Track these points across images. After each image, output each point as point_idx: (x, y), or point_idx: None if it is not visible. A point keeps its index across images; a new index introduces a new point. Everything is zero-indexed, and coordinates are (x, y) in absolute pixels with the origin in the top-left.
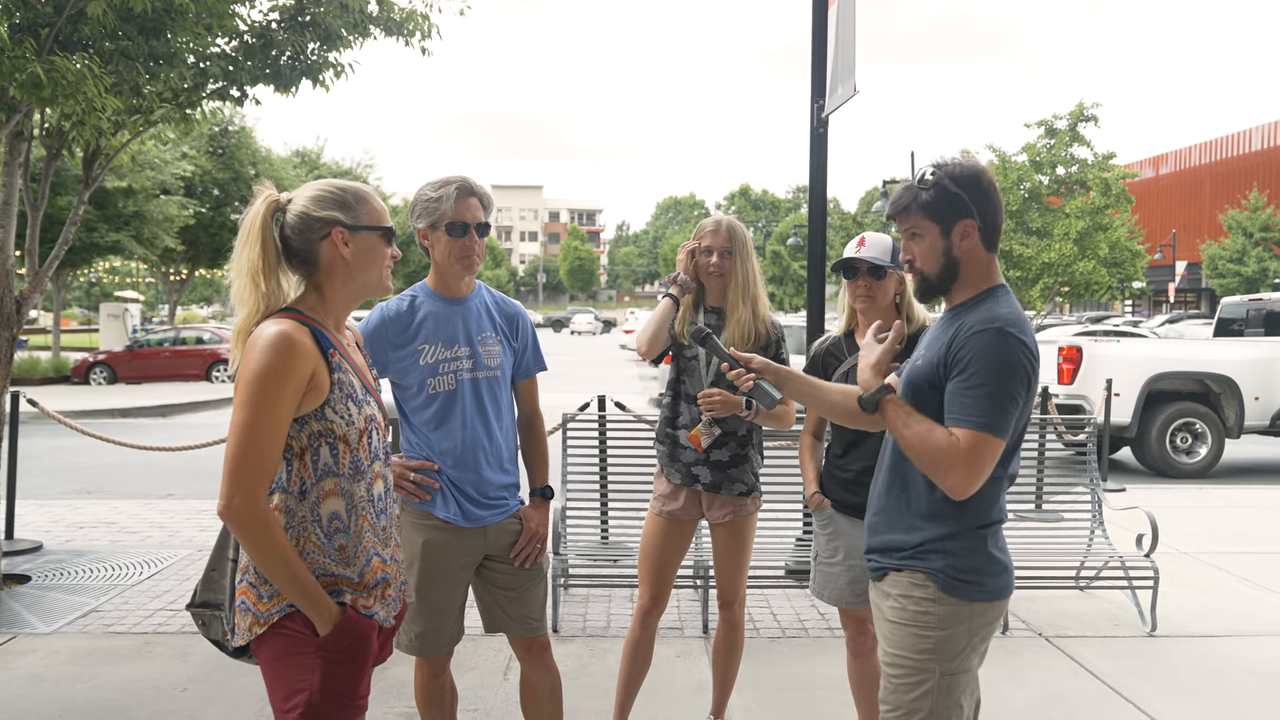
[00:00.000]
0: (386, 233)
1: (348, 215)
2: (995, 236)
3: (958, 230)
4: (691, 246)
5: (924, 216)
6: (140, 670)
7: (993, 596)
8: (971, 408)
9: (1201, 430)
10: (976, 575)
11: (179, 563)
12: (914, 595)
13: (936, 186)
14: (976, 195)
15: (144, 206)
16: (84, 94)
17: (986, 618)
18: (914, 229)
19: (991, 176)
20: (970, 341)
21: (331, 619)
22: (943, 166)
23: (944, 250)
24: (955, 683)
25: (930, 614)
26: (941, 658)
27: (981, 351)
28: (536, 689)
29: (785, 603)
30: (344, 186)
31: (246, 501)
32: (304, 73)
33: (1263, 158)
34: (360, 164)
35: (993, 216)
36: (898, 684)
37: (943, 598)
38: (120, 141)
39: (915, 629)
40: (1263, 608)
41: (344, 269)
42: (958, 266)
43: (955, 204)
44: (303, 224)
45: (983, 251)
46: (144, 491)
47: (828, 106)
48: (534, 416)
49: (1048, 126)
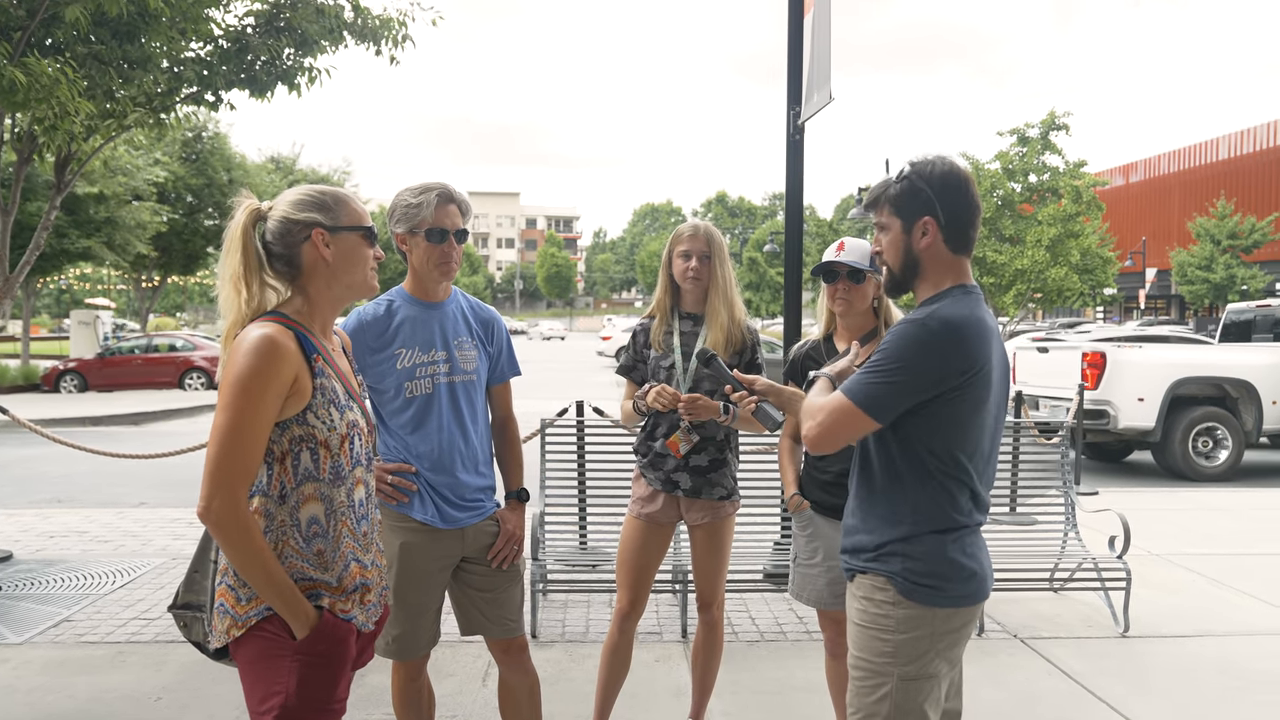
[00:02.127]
0: (368, 233)
1: (327, 217)
2: (962, 237)
3: (918, 227)
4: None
5: (891, 210)
6: (114, 680)
7: (956, 603)
8: (856, 382)
9: (1222, 435)
10: (935, 580)
11: (152, 571)
12: (875, 598)
13: (905, 180)
14: (943, 193)
15: (116, 213)
16: (57, 98)
17: (951, 624)
18: (883, 223)
19: (966, 178)
20: (893, 330)
21: (309, 623)
22: (917, 164)
23: (905, 246)
24: (917, 688)
25: (889, 617)
26: (900, 661)
27: (894, 339)
28: (515, 692)
29: (763, 607)
30: (323, 190)
31: (226, 503)
32: (279, 78)
33: (1230, 166)
34: (338, 170)
35: (957, 216)
36: (858, 686)
37: (901, 601)
38: (93, 146)
39: (875, 631)
40: (1232, 609)
41: (326, 270)
42: (918, 264)
43: (918, 200)
44: (283, 228)
45: (945, 251)
46: (116, 500)
47: (804, 113)
48: (508, 421)
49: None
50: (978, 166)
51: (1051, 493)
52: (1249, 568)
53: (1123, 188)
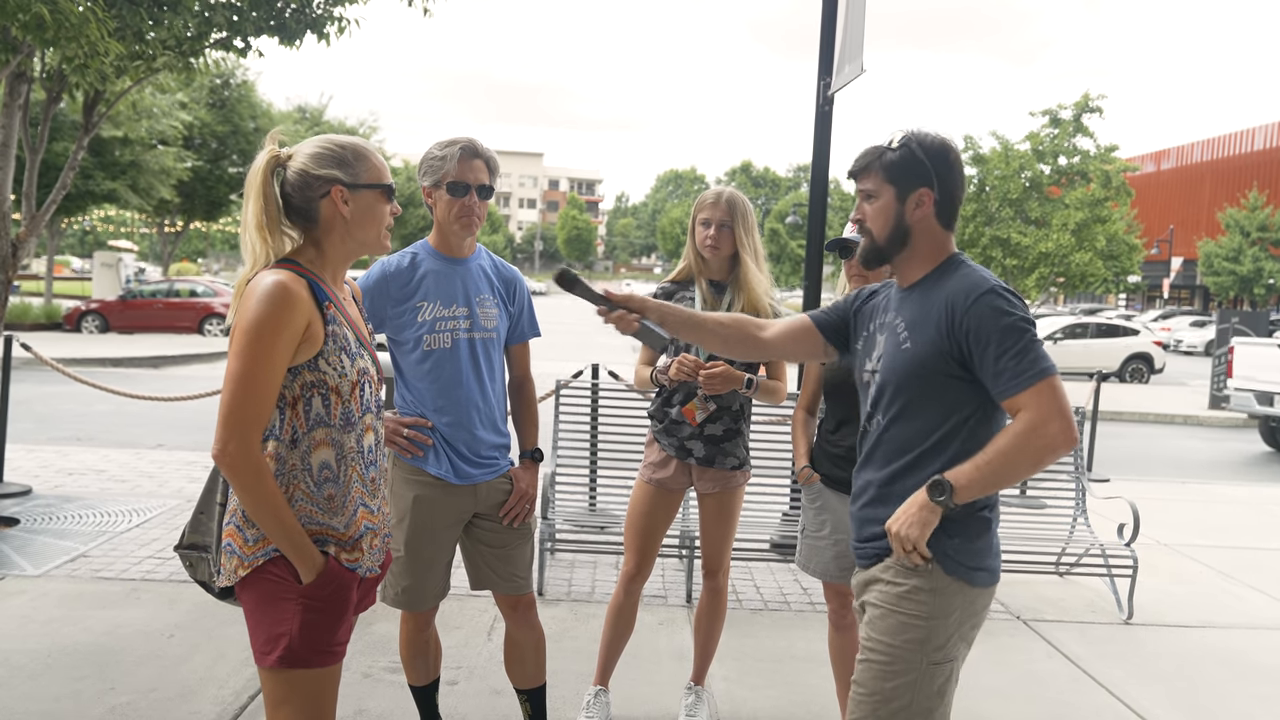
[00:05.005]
0: (386, 190)
1: (347, 174)
2: (951, 214)
3: (914, 198)
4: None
5: (884, 178)
6: (128, 615)
7: (990, 581)
8: (1033, 357)
9: None
10: (979, 558)
11: (167, 512)
12: (910, 582)
13: (903, 149)
14: (941, 166)
15: (140, 156)
16: (86, 37)
17: (978, 604)
18: (871, 190)
19: (958, 153)
20: (982, 309)
21: (315, 568)
22: (915, 133)
23: (896, 215)
24: (939, 671)
25: (924, 602)
26: (930, 646)
27: (993, 312)
28: (520, 647)
29: (769, 576)
30: (343, 143)
31: (240, 447)
32: (309, 26)
33: (1264, 157)
34: (364, 124)
35: (951, 192)
36: (879, 669)
37: (943, 583)
38: (121, 87)
39: (905, 617)
40: (1238, 601)
41: (343, 226)
42: (908, 235)
43: (917, 170)
44: (302, 181)
45: (937, 226)
46: (134, 441)
47: (834, 85)
48: (525, 380)
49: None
50: (1007, 147)
51: (1062, 478)
52: (1259, 562)
53: (1153, 174)
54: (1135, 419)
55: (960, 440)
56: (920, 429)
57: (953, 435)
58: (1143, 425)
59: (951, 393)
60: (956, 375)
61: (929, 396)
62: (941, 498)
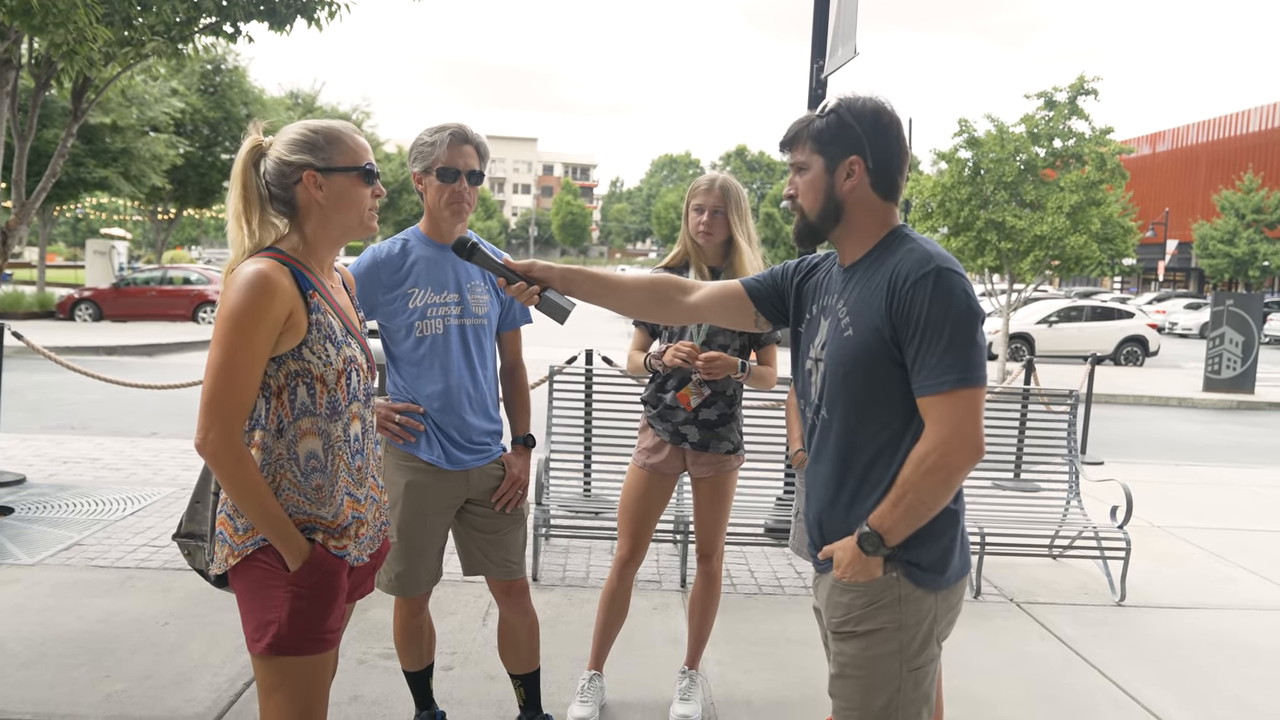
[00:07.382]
0: (363, 173)
1: (318, 158)
2: (889, 184)
3: (844, 167)
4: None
5: (812, 148)
6: (122, 604)
7: (958, 577)
8: (960, 363)
9: None
10: (944, 559)
11: (162, 500)
12: (881, 599)
13: (831, 115)
14: (873, 132)
15: (132, 143)
16: (74, 23)
17: (951, 600)
18: (801, 161)
19: (897, 119)
20: (928, 291)
21: (301, 555)
22: (845, 99)
23: (826, 187)
24: (922, 675)
25: (894, 612)
26: (907, 655)
27: (941, 298)
28: (514, 632)
29: (763, 561)
30: (316, 128)
31: (221, 436)
32: (299, 10)
33: (1260, 139)
34: (357, 109)
35: (886, 159)
36: (861, 685)
37: (909, 593)
38: (110, 74)
39: (879, 635)
40: (1230, 583)
41: (319, 212)
42: (841, 209)
43: (846, 137)
44: (278, 169)
45: (874, 197)
46: (128, 429)
47: (828, 67)
48: (517, 366)
49: (1047, 98)
50: (1002, 129)
51: (1056, 461)
52: (1250, 543)
53: (1149, 157)
54: (1129, 401)
55: (911, 437)
56: (869, 425)
57: (904, 433)
58: (1137, 408)
59: (901, 385)
60: (903, 364)
61: (875, 389)
62: (874, 551)
